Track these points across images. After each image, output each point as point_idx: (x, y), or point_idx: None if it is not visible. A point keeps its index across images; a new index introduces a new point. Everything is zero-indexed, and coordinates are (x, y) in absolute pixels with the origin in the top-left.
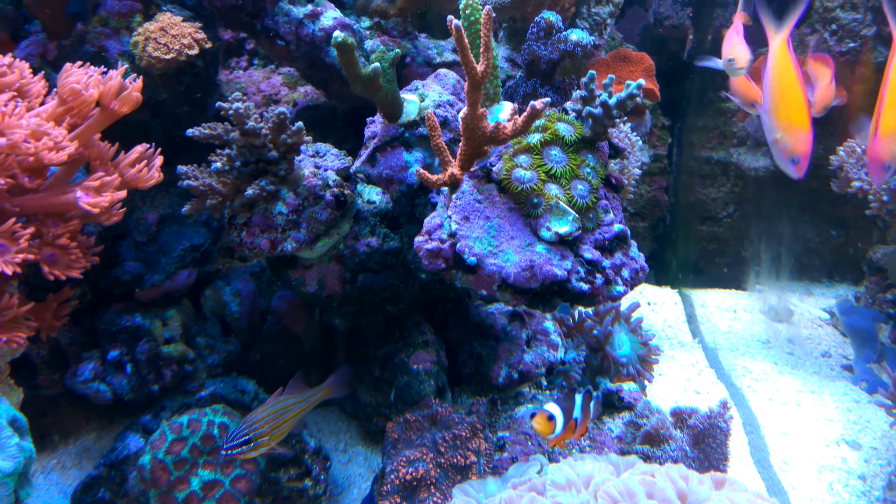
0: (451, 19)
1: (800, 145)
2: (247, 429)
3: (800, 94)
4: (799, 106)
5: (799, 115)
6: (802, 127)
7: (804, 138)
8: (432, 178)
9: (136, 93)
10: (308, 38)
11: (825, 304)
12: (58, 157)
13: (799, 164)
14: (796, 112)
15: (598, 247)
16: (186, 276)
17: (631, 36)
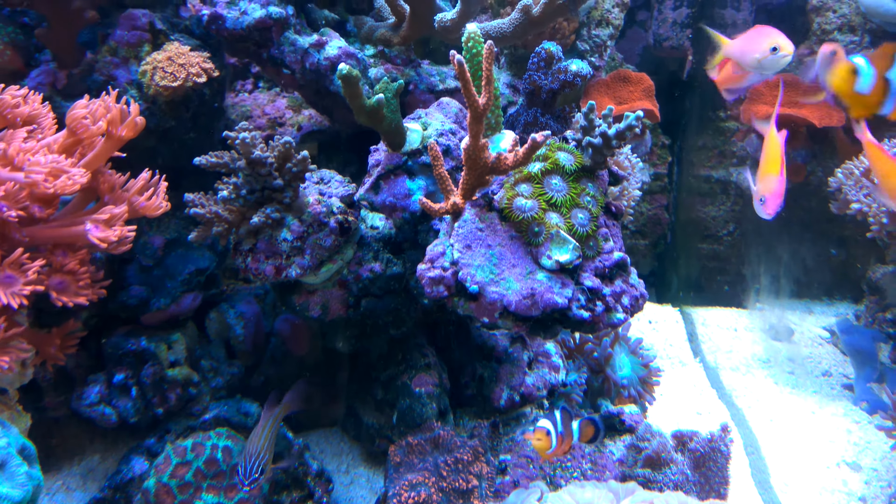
0: (454, 54)
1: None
2: (255, 461)
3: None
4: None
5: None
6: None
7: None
8: (435, 206)
9: (139, 117)
10: (313, 67)
11: (825, 323)
12: (71, 189)
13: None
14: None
15: (598, 274)
16: (192, 300)
17: (631, 56)
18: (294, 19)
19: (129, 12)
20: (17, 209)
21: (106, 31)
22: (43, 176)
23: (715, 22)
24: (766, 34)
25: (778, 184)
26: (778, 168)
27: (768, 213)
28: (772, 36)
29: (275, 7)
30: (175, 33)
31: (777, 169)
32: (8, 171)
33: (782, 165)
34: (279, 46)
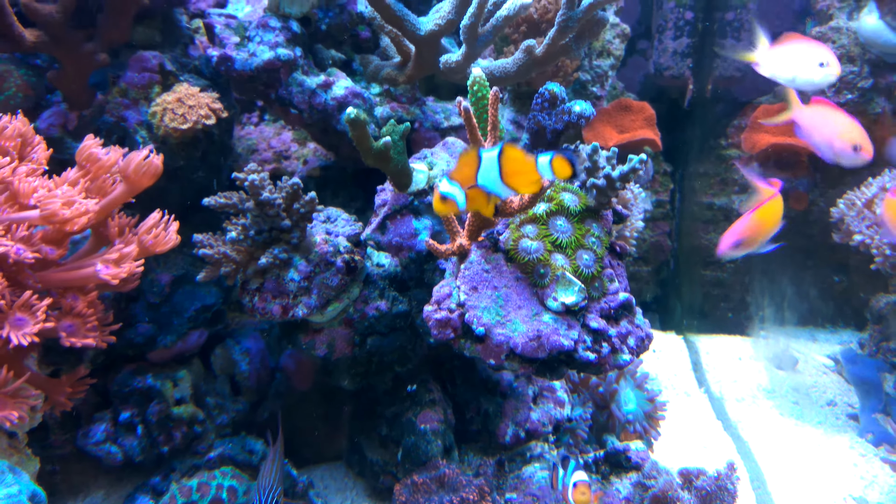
0: (460, 100)
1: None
2: (270, 494)
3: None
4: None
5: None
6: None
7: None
8: (441, 248)
9: (158, 164)
10: (320, 107)
11: (829, 351)
12: (86, 221)
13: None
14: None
15: (603, 315)
16: (198, 337)
17: (632, 84)
18: (302, 60)
19: (140, 54)
20: (32, 251)
21: (116, 72)
22: (59, 205)
23: (715, 52)
24: (810, 47)
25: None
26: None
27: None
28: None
29: (283, 49)
30: (184, 74)
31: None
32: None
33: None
34: (287, 87)
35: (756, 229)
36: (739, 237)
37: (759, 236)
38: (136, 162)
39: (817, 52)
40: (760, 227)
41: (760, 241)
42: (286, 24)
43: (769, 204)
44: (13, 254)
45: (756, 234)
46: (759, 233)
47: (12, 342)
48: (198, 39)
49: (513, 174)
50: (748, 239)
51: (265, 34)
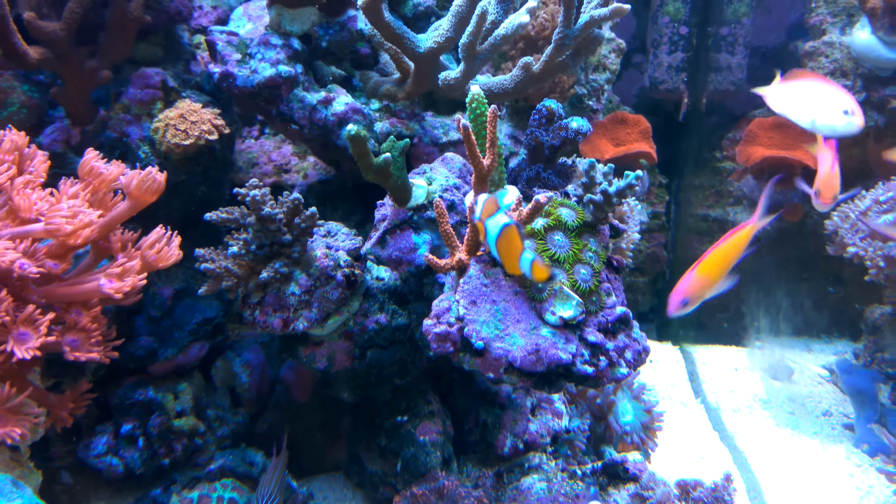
0: (459, 118)
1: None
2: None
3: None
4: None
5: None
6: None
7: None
8: (440, 262)
9: (161, 180)
10: (321, 123)
11: (824, 361)
12: (90, 234)
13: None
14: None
15: (601, 329)
16: (198, 350)
17: (627, 98)
18: (303, 77)
19: (142, 71)
20: (37, 266)
21: (119, 88)
22: (65, 220)
23: (710, 66)
24: (835, 92)
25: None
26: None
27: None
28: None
29: (284, 66)
30: (186, 90)
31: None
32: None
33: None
34: (288, 103)
35: (701, 284)
36: (685, 295)
37: (708, 287)
38: (140, 178)
39: (841, 97)
40: (705, 281)
41: (711, 289)
42: (287, 42)
43: (712, 255)
44: (17, 268)
45: (703, 287)
46: (706, 285)
47: (16, 356)
48: (199, 55)
49: (502, 251)
50: (695, 295)
51: (267, 51)
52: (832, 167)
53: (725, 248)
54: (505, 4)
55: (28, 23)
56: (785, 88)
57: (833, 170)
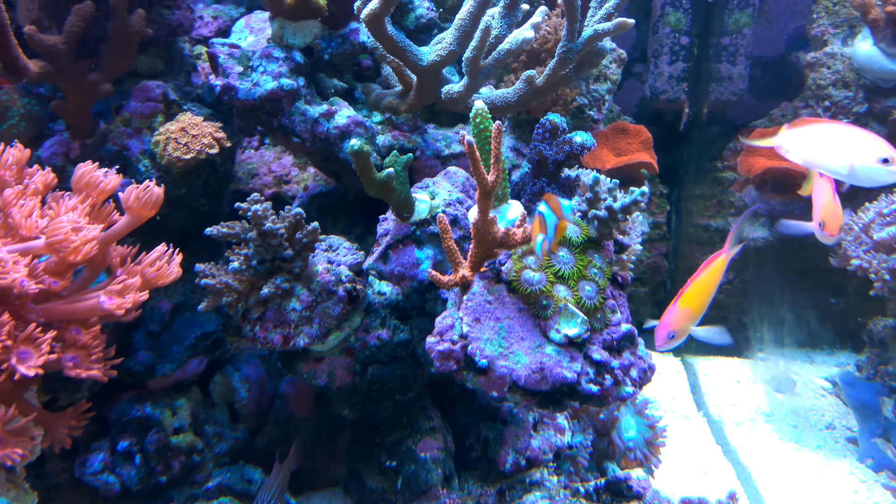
0: (464, 135)
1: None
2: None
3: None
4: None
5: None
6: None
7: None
8: (444, 279)
9: (160, 193)
10: (323, 136)
11: (827, 373)
12: (85, 253)
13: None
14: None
15: (606, 347)
16: (197, 365)
17: (628, 107)
18: (304, 90)
19: (143, 84)
20: (36, 283)
21: (119, 101)
22: (68, 234)
23: (711, 76)
24: (869, 139)
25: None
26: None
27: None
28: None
29: (286, 79)
30: (187, 102)
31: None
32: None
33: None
34: (290, 116)
35: (685, 316)
36: (671, 329)
37: (691, 319)
38: (138, 192)
39: (877, 144)
40: (688, 313)
41: (695, 320)
42: (289, 55)
43: (693, 287)
44: (18, 286)
45: (687, 320)
46: (690, 317)
47: (18, 373)
48: (200, 66)
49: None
50: (680, 328)
51: (268, 64)
52: (833, 197)
53: (705, 280)
54: (509, 19)
55: (29, 36)
56: (804, 135)
57: (835, 199)
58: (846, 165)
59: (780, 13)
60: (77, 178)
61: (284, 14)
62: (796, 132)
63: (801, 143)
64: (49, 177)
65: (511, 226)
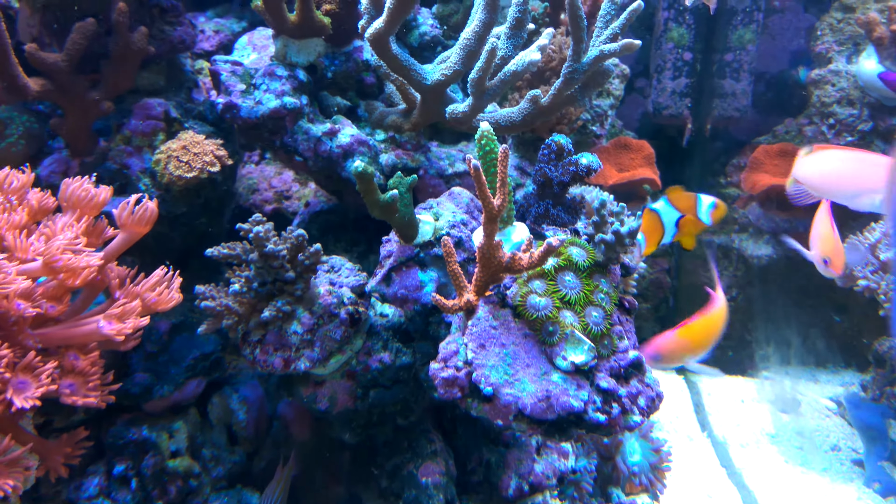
0: (469, 157)
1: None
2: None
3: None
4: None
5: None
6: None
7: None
8: (448, 303)
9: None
10: (325, 154)
11: (831, 392)
12: (84, 278)
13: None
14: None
15: (613, 374)
16: (195, 386)
17: (630, 122)
18: (307, 108)
19: (145, 102)
20: (34, 307)
21: (120, 119)
22: (67, 258)
23: (714, 92)
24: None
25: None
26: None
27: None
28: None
29: (289, 97)
30: (189, 120)
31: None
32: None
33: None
34: (293, 135)
35: (679, 347)
36: (659, 352)
37: (684, 354)
38: (130, 208)
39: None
40: (684, 345)
41: (685, 358)
42: (293, 73)
43: (698, 323)
44: (15, 310)
45: (680, 352)
46: (684, 350)
47: (15, 406)
48: (201, 80)
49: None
50: (669, 356)
51: (271, 82)
52: (833, 231)
53: (711, 322)
54: (514, 40)
55: (30, 55)
56: (828, 162)
57: (835, 234)
58: (874, 200)
59: (784, 29)
60: (66, 194)
61: (288, 32)
62: (819, 157)
63: (826, 170)
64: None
65: (517, 249)
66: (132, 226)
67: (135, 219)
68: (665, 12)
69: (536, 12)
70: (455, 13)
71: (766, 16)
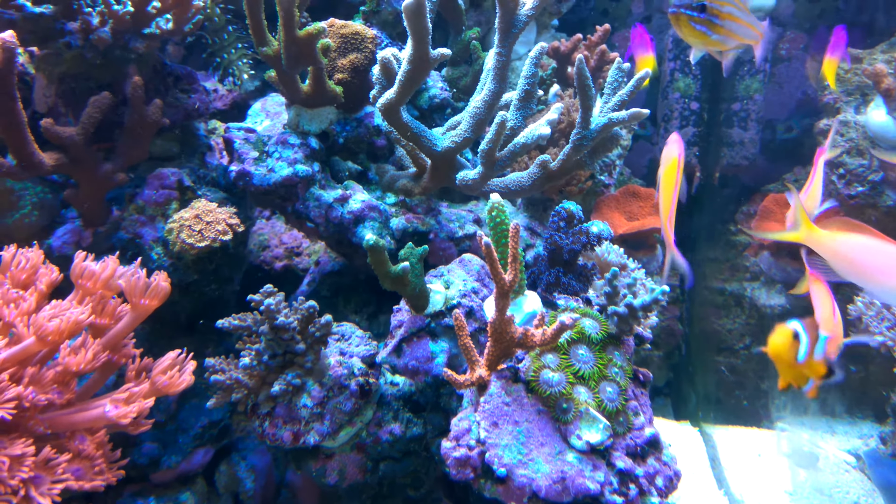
0: (481, 235)
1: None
2: None
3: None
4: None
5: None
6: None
7: None
8: (460, 378)
9: (166, 286)
10: (336, 220)
11: (849, 445)
12: (86, 362)
13: None
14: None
15: (630, 454)
16: (203, 455)
17: (637, 169)
18: (319, 174)
19: (159, 172)
20: (44, 394)
21: (133, 187)
22: (53, 323)
23: (722, 140)
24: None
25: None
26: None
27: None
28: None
29: (301, 165)
30: (202, 187)
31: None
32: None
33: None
34: (304, 201)
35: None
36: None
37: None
38: (142, 285)
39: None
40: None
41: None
42: (305, 141)
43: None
44: (28, 398)
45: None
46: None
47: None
48: (214, 140)
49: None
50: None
51: (284, 150)
52: (834, 313)
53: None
54: (524, 111)
55: (45, 130)
56: (864, 251)
57: (836, 316)
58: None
59: (791, 77)
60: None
61: (301, 102)
62: (846, 247)
63: (857, 263)
64: (54, 275)
65: (529, 320)
66: (141, 303)
67: (146, 296)
68: (671, 63)
69: (545, 72)
70: (464, 76)
71: (772, 65)
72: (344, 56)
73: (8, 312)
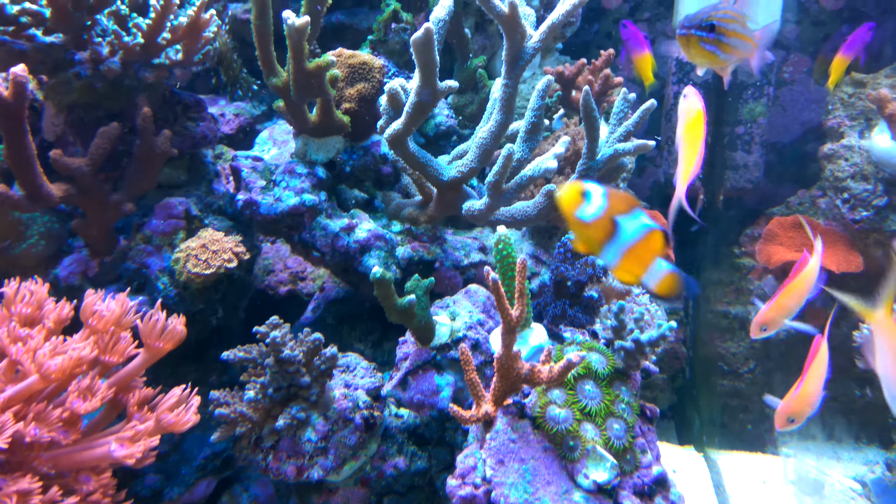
0: (488, 270)
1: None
2: None
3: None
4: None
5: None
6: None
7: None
8: (466, 414)
9: (182, 328)
10: (342, 250)
11: (854, 471)
12: (92, 406)
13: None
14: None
15: (637, 493)
16: (206, 487)
17: (641, 191)
18: (326, 204)
19: (167, 202)
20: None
21: (141, 216)
22: (55, 361)
23: (726, 163)
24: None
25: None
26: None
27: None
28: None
29: (308, 195)
30: (209, 216)
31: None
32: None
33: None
34: (311, 231)
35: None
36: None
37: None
38: (158, 328)
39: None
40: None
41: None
42: (312, 171)
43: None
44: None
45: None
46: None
47: None
48: (220, 166)
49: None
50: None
51: (291, 180)
52: (786, 308)
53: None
54: (531, 143)
55: (54, 161)
56: None
57: (784, 309)
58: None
59: (795, 101)
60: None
61: (309, 132)
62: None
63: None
64: (64, 312)
65: (536, 353)
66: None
67: (162, 339)
68: (675, 87)
69: (550, 99)
70: (470, 103)
71: (776, 88)
72: (352, 85)
73: (15, 350)
